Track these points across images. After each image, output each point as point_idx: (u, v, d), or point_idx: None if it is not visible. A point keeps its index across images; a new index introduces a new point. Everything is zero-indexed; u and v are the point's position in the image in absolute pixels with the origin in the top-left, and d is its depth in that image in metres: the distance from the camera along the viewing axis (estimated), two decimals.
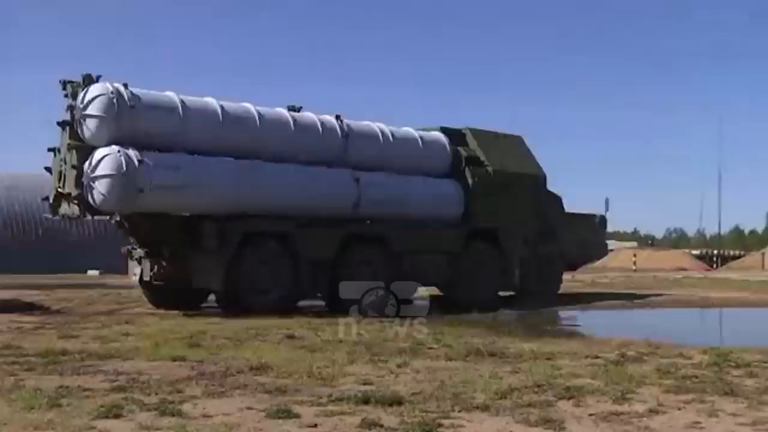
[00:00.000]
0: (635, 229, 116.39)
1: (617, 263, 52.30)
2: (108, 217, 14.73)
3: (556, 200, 20.21)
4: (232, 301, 14.36)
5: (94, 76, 13.67)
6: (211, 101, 14.56)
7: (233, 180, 14.21)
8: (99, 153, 13.08)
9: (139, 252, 14.86)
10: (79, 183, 13.34)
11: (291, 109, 16.02)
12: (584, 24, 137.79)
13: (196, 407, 5.99)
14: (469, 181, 17.90)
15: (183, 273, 14.10)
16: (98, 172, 13.00)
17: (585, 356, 9.16)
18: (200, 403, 6.14)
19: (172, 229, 14.34)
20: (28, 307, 14.79)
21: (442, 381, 7.29)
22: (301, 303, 15.36)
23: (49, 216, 15.03)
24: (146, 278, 14.67)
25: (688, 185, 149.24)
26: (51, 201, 14.28)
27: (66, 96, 13.85)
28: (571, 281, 29.48)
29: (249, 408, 6.00)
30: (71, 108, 13.66)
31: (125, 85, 13.43)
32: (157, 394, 6.45)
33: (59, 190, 13.96)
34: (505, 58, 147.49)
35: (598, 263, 57.67)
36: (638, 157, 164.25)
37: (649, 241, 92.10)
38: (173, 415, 5.67)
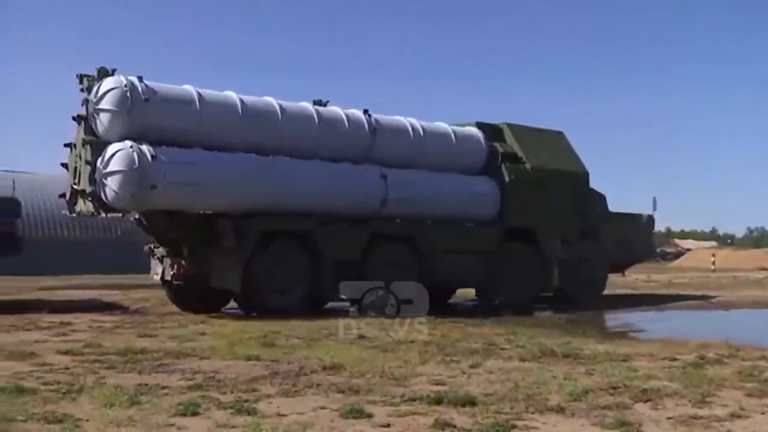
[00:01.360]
0: (714, 228, 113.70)
1: (694, 263, 51.15)
2: (121, 215, 14.39)
3: (600, 199, 19.38)
4: (250, 301, 14.01)
5: (109, 69, 13.23)
6: (230, 95, 14.11)
7: (252, 177, 13.73)
8: (111, 148, 12.70)
9: (160, 251, 14.57)
10: (92, 179, 12.95)
11: (317, 103, 15.45)
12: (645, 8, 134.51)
13: (270, 406, 6.06)
14: (506, 178, 17.20)
15: (201, 272, 13.73)
16: (110, 168, 12.63)
17: (662, 358, 8.96)
18: (275, 402, 6.21)
19: (189, 227, 13.95)
20: (108, 307, 15.17)
21: (516, 382, 7.22)
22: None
23: (67, 213, 14.52)
24: (167, 278, 14.34)
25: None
26: (67, 198, 13.83)
27: (82, 90, 13.41)
28: (647, 281, 29.00)
29: (322, 407, 6.04)
30: (86, 102, 13.26)
31: (140, 78, 13.00)
32: (232, 392, 6.55)
33: (74, 186, 13.55)
34: (556, 50, 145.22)
35: (675, 263, 56.47)
36: (715, 152, 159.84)
37: (729, 240, 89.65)
38: (248, 414, 5.75)
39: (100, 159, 12.82)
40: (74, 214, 14.24)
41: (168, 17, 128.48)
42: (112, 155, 12.63)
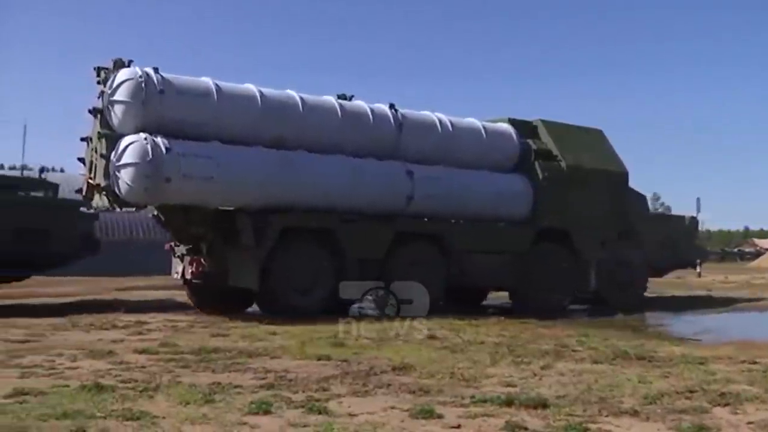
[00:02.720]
0: None
1: None
2: (134, 209, 13.93)
3: (640, 199, 18.63)
4: (269, 301, 13.57)
5: (125, 60, 12.93)
6: (249, 87, 13.69)
7: (271, 171, 13.24)
8: (125, 141, 12.39)
9: (181, 249, 14.31)
10: (107, 173, 12.64)
11: (341, 97, 14.96)
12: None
13: (341, 405, 6.10)
14: (539, 176, 16.53)
15: (220, 271, 13.40)
16: (123, 161, 12.28)
17: (741, 361, 8.72)
18: (345, 402, 6.25)
19: (207, 224, 13.63)
20: (182, 307, 15.43)
21: (588, 384, 7.11)
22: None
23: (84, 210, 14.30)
24: (187, 276, 14.08)
25: None
26: (83, 193, 13.58)
27: (98, 82, 13.09)
28: (724, 282, 28.25)
29: (392, 407, 6.05)
30: (102, 94, 12.94)
31: (156, 69, 12.70)
32: (303, 392, 6.61)
33: (90, 181, 13.25)
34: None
35: (754, 263, 54.77)
36: None
37: None
38: (320, 413, 5.79)
39: (113, 152, 12.51)
40: (92, 210, 13.97)
41: (189, 12, 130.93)
42: (126, 147, 12.33)
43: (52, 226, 14.27)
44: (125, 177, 12.33)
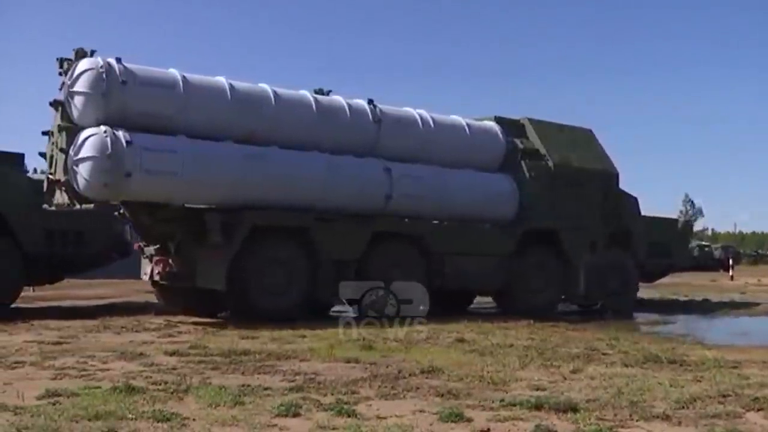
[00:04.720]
0: None
1: None
2: (92, 206, 13.50)
3: (630, 201, 18.04)
4: (237, 303, 13.14)
5: (87, 50, 12.40)
6: (219, 79, 13.12)
7: (241, 168, 12.71)
8: (84, 134, 11.84)
9: (150, 249, 13.82)
10: (66, 168, 12.18)
11: (318, 92, 14.48)
12: None
13: (370, 408, 6.10)
14: (526, 175, 16.03)
15: (188, 271, 12.94)
16: (81, 155, 11.74)
17: None
18: (374, 405, 6.25)
19: (174, 222, 13.16)
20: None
21: (619, 388, 7.05)
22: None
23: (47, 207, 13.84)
24: (155, 277, 13.60)
25: None
26: (44, 189, 13.19)
27: (61, 74, 12.60)
28: (758, 285, 27.90)
29: (421, 411, 6.05)
30: (63, 86, 12.44)
31: (118, 60, 12.06)
32: (332, 394, 6.62)
33: (50, 177, 12.89)
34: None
35: None
36: None
37: None
38: (349, 416, 5.79)
39: (72, 145, 12.03)
40: (53, 207, 13.66)
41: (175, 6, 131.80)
42: (84, 141, 11.80)
43: (84, 228, 14.40)
44: (83, 172, 11.84)
